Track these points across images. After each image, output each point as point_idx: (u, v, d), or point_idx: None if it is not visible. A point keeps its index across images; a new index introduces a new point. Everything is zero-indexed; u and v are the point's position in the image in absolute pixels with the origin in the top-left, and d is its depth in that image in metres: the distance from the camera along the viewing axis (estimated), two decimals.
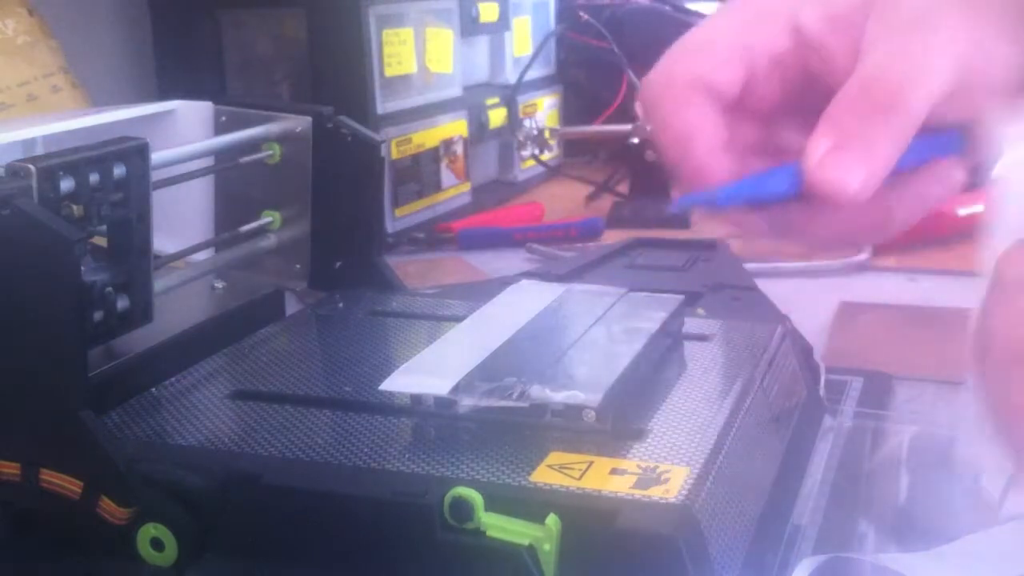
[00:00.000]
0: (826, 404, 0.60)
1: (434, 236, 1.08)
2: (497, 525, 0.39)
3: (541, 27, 1.33)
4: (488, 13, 1.20)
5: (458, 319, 0.57)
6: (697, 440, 0.45)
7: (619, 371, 0.48)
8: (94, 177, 0.51)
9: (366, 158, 0.67)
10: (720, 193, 0.42)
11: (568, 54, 1.38)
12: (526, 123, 1.26)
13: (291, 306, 0.69)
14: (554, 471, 0.42)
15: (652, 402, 0.49)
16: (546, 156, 1.29)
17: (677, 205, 0.43)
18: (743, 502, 0.44)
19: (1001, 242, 0.39)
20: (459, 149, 1.16)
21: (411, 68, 1.08)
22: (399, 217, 1.07)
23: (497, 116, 1.22)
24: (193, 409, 0.50)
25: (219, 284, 0.68)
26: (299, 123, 0.68)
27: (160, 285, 0.58)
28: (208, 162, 0.67)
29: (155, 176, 0.56)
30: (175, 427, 0.48)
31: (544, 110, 1.33)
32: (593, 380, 0.47)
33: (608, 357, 0.50)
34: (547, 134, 1.27)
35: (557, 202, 1.23)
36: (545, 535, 0.39)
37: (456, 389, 0.47)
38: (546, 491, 0.41)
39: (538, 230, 1.09)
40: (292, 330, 0.62)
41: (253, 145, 0.67)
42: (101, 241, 0.54)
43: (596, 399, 0.45)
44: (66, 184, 0.49)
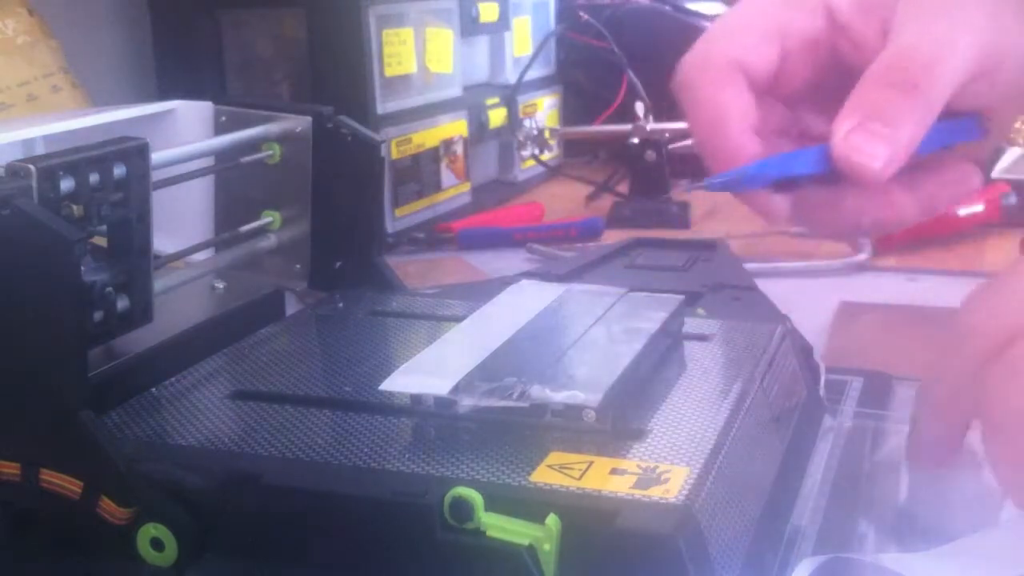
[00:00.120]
0: (826, 404, 0.60)
1: (434, 236, 1.08)
2: (497, 525, 0.39)
3: (541, 27, 1.33)
4: (488, 13, 1.20)
5: (458, 319, 0.57)
6: (697, 440, 0.45)
7: (619, 371, 0.48)
8: (94, 177, 0.51)
9: (366, 158, 0.67)
10: (750, 171, 0.42)
11: (568, 54, 1.39)
12: (526, 123, 1.26)
13: (291, 306, 0.69)
14: (554, 471, 0.42)
15: (652, 402, 0.49)
16: (546, 156, 1.29)
17: (709, 184, 0.43)
18: (743, 502, 0.44)
19: None
20: (459, 149, 1.16)
21: (411, 68, 1.08)
22: (399, 217, 1.07)
23: (497, 116, 1.22)
24: (193, 409, 0.50)
25: (219, 284, 0.68)
26: (299, 123, 0.68)
27: (160, 285, 0.58)
28: (208, 162, 0.67)
29: (155, 176, 0.56)
30: (175, 427, 0.48)
31: (544, 110, 1.33)
32: (593, 380, 0.47)
33: (608, 357, 0.50)
34: (547, 134, 1.27)
35: (557, 202, 1.23)
36: (545, 535, 0.39)
37: (456, 389, 0.47)
38: (546, 491, 0.41)
39: (538, 230, 1.09)
40: (292, 330, 0.62)
41: (253, 145, 0.67)
42: (101, 241, 0.53)
43: (596, 399, 0.45)
44: (66, 184, 0.49)
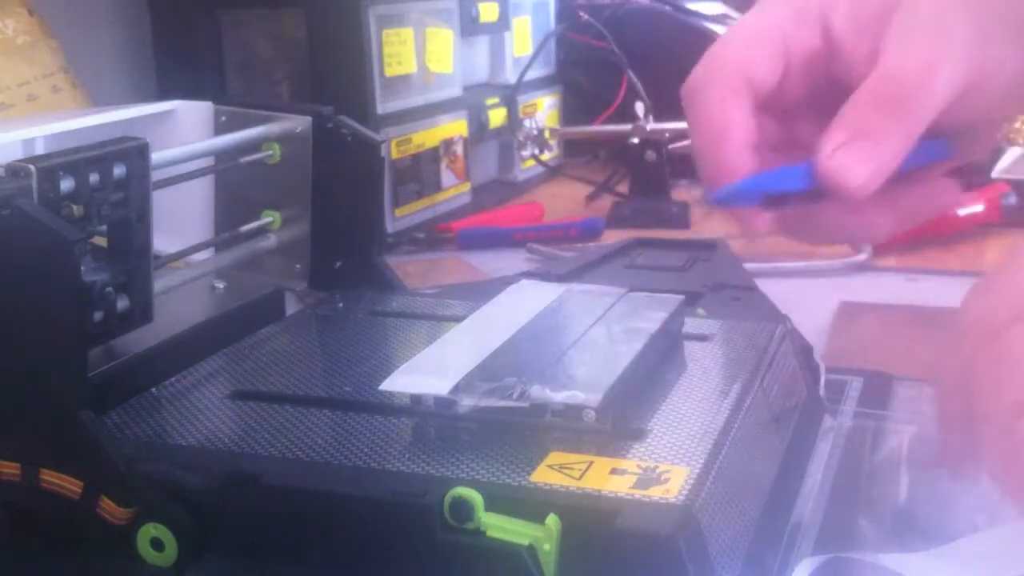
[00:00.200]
0: (826, 404, 0.60)
1: (434, 236, 1.08)
2: (497, 525, 0.39)
3: (541, 27, 1.33)
4: (488, 13, 1.20)
5: (458, 319, 0.57)
6: (697, 440, 0.45)
7: (619, 371, 0.48)
8: (94, 177, 0.51)
9: (366, 158, 0.67)
10: (743, 188, 0.44)
11: (568, 54, 1.39)
12: (526, 123, 1.26)
13: (291, 306, 0.69)
14: (554, 471, 0.42)
15: (652, 402, 0.49)
16: (546, 156, 1.29)
17: (710, 198, 0.45)
18: (743, 502, 0.44)
19: None
20: (459, 149, 1.16)
21: (411, 68, 1.08)
22: (399, 217, 1.07)
23: (497, 116, 1.22)
24: (193, 409, 0.50)
25: (219, 284, 0.68)
26: (299, 123, 0.68)
27: (160, 285, 0.58)
28: (208, 162, 0.67)
29: (155, 176, 0.56)
30: (175, 427, 0.48)
31: (544, 110, 1.33)
32: (593, 380, 0.47)
33: (608, 357, 0.50)
34: (547, 134, 1.27)
35: (557, 202, 1.23)
36: (545, 535, 0.39)
37: (456, 389, 0.47)
38: (546, 491, 0.41)
39: (538, 230, 1.09)
40: (292, 330, 0.62)
41: (253, 145, 0.67)
42: (101, 241, 0.54)
43: (596, 399, 0.45)
44: (66, 184, 0.49)
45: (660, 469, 0.42)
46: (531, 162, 1.30)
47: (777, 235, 0.47)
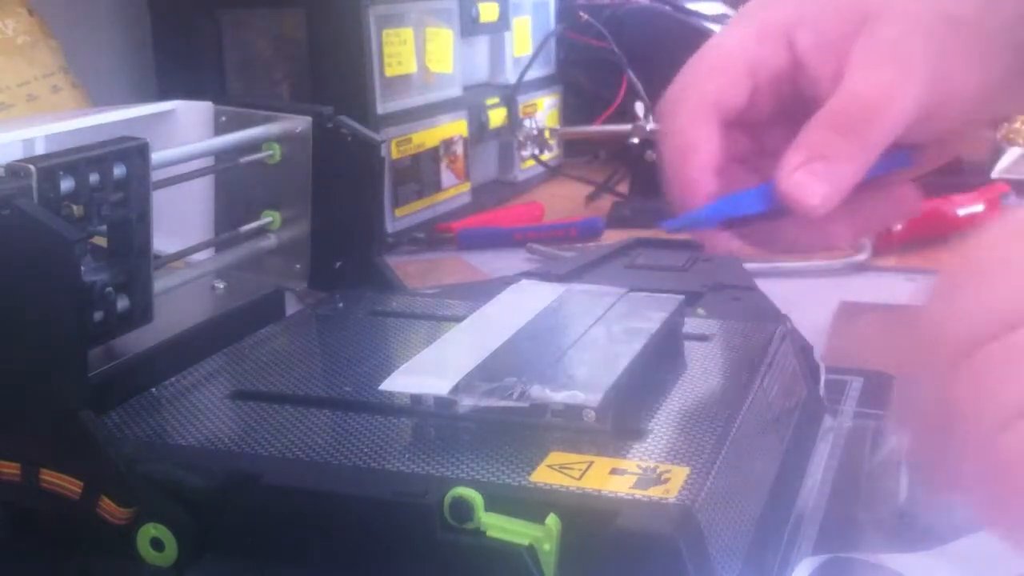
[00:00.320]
0: (826, 404, 0.60)
1: (434, 236, 1.08)
2: (497, 525, 0.39)
3: (541, 27, 1.33)
4: (488, 13, 1.20)
5: (458, 319, 0.57)
6: (697, 440, 0.45)
7: (619, 371, 0.48)
8: (94, 177, 0.51)
9: (366, 158, 0.67)
10: (702, 215, 0.46)
11: (568, 54, 1.38)
12: (526, 123, 1.26)
13: (291, 306, 0.69)
14: (554, 471, 0.42)
15: (652, 402, 0.49)
16: (546, 156, 1.29)
17: (666, 226, 0.48)
18: (743, 502, 0.44)
19: None
20: (459, 149, 1.16)
21: (411, 68, 1.08)
22: (399, 217, 1.07)
23: (497, 116, 1.22)
24: (193, 409, 0.50)
25: (219, 284, 0.68)
26: (299, 123, 0.68)
27: (160, 285, 0.58)
28: (208, 162, 0.67)
29: (155, 176, 0.56)
30: (175, 427, 0.48)
31: (544, 110, 1.33)
32: (593, 380, 0.47)
33: (608, 357, 0.50)
34: (547, 134, 1.27)
35: (557, 202, 1.23)
36: (545, 535, 0.39)
37: (456, 389, 0.47)
38: (546, 491, 0.41)
39: (538, 230, 1.09)
40: (292, 330, 0.62)
41: (253, 145, 0.67)
42: (101, 241, 0.54)
43: (596, 399, 0.45)
44: (66, 184, 0.49)
45: (660, 469, 0.42)
46: (531, 162, 1.30)
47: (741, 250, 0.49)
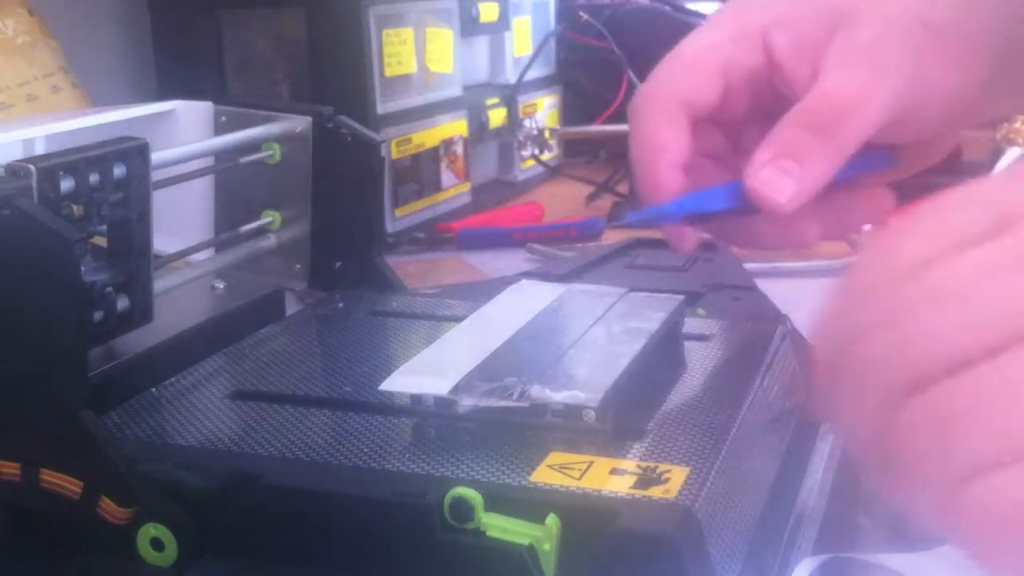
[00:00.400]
0: None
1: (434, 236, 1.08)
2: (497, 525, 0.39)
3: (541, 27, 1.33)
4: (488, 13, 1.19)
5: (458, 319, 0.57)
6: (697, 440, 0.45)
7: (619, 371, 0.48)
8: (94, 177, 0.51)
9: (366, 158, 0.67)
10: (665, 210, 0.46)
11: (568, 54, 1.38)
12: (526, 123, 1.26)
13: (291, 306, 0.69)
14: (554, 471, 0.42)
15: (652, 402, 0.49)
16: (546, 156, 1.29)
17: (629, 219, 0.47)
18: (743, 502, 0.44)
19: None
20: (459, 149, 1.16)
21: (411, 68, 1.08)
22: (399, 217, 1.07)
23: (497, 116, 1.22)
24: (193, 409, 0.50)
25: (219, 284, 0.68)
26: (299, 123, 0.68)
27: (160, 285, 0.58)
28: (208, 162, 0.67)
29: (155, 176, 0.56)
30: (175, 427, 0.48)
31: (544, 110, 1.33)
32: (593, 380, 0.47)
33: (608, 357, 0.50)
34: (547, 134, 1.27)
35: (557, 202, 1.23)
36: (545, 535, 0.39)
37: (456, 389, 0.47)
38: (546, 491, 0.41)
39: (538, 230, 1.09)
40: (292, 330, 0.62)
41: (253, 145, 0.67)
42: (101, 241, 0.54)
43: (596, 399, 0.45)
44: (66, 184, 0.49)
45: (660, 469, 0.42)
46: (531, 162, 1.30)
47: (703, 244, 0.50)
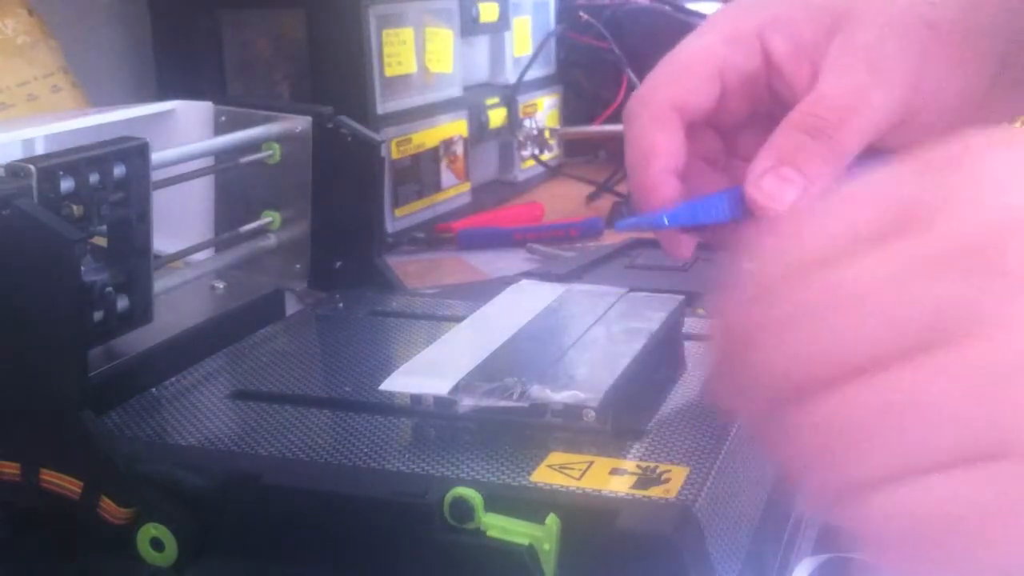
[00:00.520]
0: None
1: (434, 236, 1.08)
2: (497, 525, 0.39)
3: (541, 27, 1.33)
4: (488, 13, 1.19)
5: (458, 319, 0.57)
6: (697, 440, 0.45)
7: (619, 371, 0.48)
8: (94, 177, 0.51)
9: (366, 158, 0.67)
10: (657, 219, 0.46)
11: (568, 54, 1.38)
12: (526, 123, 1.26)
13: (291, 306, 0.69)
14: (554, 471, 0.42)
15: (652, 402, 0.49)
16: (546, 156, 1.29)
17: (620, 226, 0.48)
18: (743, 502, 0.44)
19: None
20: (459, 149, 1.16)
21: (411, 68, 1.08)
22: (399, 217, 1.07)
23: (497, 116, 1.22)
24: (193, 409, 0.50)
25: (219, 284, 0.68)
26: (299, 123, 0.68)
27: (160, 285, 0.58)
28: (208, 162, 0.67)
29: (155, 176, 0.56)
30: (175, 427, 0.48)
31: (544, 110, 1.33)
32: (593, 380, 0.47)
33: (608, 357, 0.50)
34: (547, 134, 1.27)
35: (557, 202, 1.23)
36: (545, 535, 0.39)
37: (456, 389, 0.47)
38: (546, 491, 0.41)
39: (538, 230, 1.09)
40: (292, 330, 0.62)
41: (253, 145, 0.67)
42: (101, 241, 0.54)
43: (596, 399, 0.45)
44: (66, 184, 0.49)
45: (660, 469, 0.42)
46: (531, 162, 1.30)
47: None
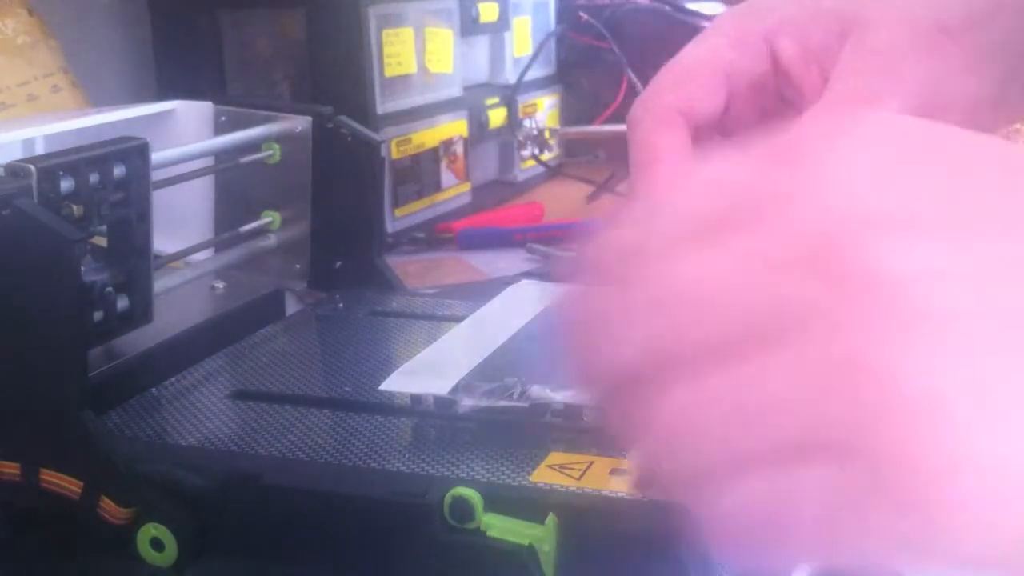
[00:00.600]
0: None
1: (434, 236, 1.08)
2: (497, 525, 0.39)
3: (541, 27, 1.33)
4: (488, 13, 1.19)
5: (458, 319, 0.57)
6: None
7: None
8: (94, 177, 0.51)
9: (366, 158, 0.67)
10: None
11: (568, 54, 1.38)
12: (526, 123, 1.26)
13: (291, 306, 0.69)
14: (554, 471, 0.42)
15: None
16: (546, 156, 1.29)
17: None
18: None
19: None
20: (459, 149, 1.16)
21: (411, 68, 1.08)
22: (399, 217, 1.07)
23: (497, 116, 1.22)
24: (193, 409, 0.50)
25: (219, 284, 0.68)
26: (299, 123, 0.68)
27: (160, 285, 0.58)
28: (208, 162, 0.67)
29: (155, 176, 0.56)
30: (175, 427, 0.48)
31: (544, 110, 1.33)
32: None
33: None
34: (547, 134, 1.27)
35: (557, 202, 1.23)
36: (545, 535, 0.39)
37: (456, 389, 0.47)
38: (546, 491, 0.41)
39: (538, 230, 1.09)
40: (292, 330, 0.62)
41: (253, 145, 0.67)
42: (101, 241, 0.54)
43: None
44: (66, 184, 0.49)
45: None
46: (531, 162, 1.30)
47: None
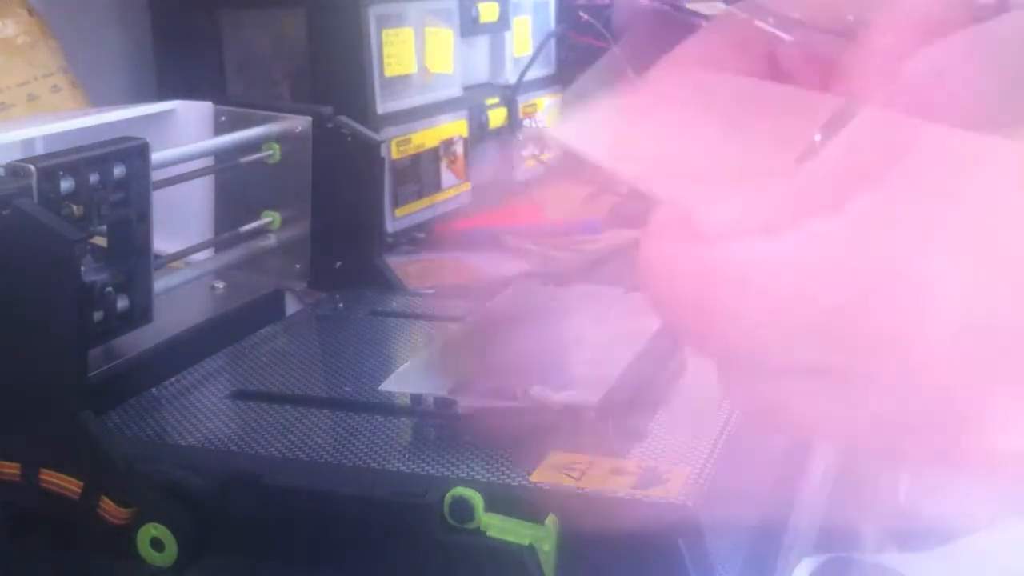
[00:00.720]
0: None
1: (434, 236, 1.08)
2: (497, 525, 0.39)
3: (541, 27, 1.33)
4: (488, 13, 1.19)
5: (458, 319, 0.57)
6: (697, 440, 0.45)
7: (619, 371, 0.48)
8: (94, 177, 0.51)
9: (366, 158, 0.67)
10: None
11: (568, 54, 1.38)
12: (526, 123, 1.26)
13: (291, 306, 0.69)
14: (554, 471, 0.42)
15: (652, 402, 0.49)
16: (546, 156, 1.29)
17: None
18: (743, 502, 0.44)
19: None
20: (459, 149, 1.16)
21: (411, 68, 1.08)
22: (399, 217, 1.07)
23: (497, 116, 1.22)
24: (193, 409, 0.50)
25: (219, 284, 0.68)
26: (299, 123, 0.68)
27: (160, 285, 0.57)
28: (208, 162, 0.67)
29: (155, 176, 0.56)
30: (175, 427, 0.48)
31: (544, 110, 1.33)
32: (593, 380, 0.47)
33: (608, 357, 0.50)
34: None
35: (557, 202, 1.23)
36: (545, 535, 0.39)
37: (456, 389, 0.47)
38: (546, 491, 0.41)
39: (538, 230, 1.09)
40: (292, 330, 0.62)
41: (253, 145, 0.67)
42: (101, 241, 0.53)
43: (596, 399, 0.45)
44: (66, 184, 0.49)
45: (660, 469, 0.42)
46: (531, 162, 1.30)
47: None
